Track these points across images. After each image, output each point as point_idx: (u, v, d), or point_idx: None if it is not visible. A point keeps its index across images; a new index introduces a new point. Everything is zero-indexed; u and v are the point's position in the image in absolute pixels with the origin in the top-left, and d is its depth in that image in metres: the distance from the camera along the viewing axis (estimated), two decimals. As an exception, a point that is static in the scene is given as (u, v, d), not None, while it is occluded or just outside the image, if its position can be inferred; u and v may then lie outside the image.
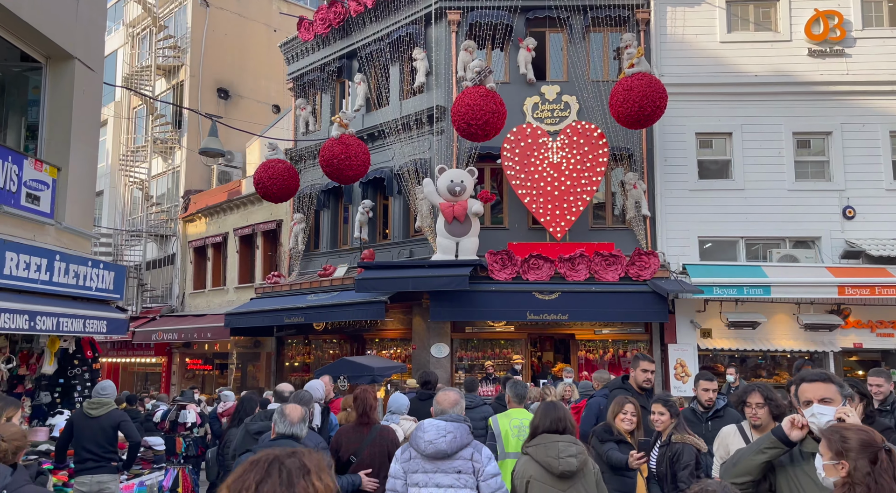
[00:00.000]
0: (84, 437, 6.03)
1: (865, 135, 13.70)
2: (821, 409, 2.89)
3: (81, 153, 8.61)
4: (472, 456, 3.78)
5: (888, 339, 13.05)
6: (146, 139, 23.34)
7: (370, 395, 5.09)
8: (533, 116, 13.93)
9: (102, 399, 6.26)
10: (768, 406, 4.01)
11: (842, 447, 2.54)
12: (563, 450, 3.77)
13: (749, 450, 3.06)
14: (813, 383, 2.98)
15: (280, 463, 1.65)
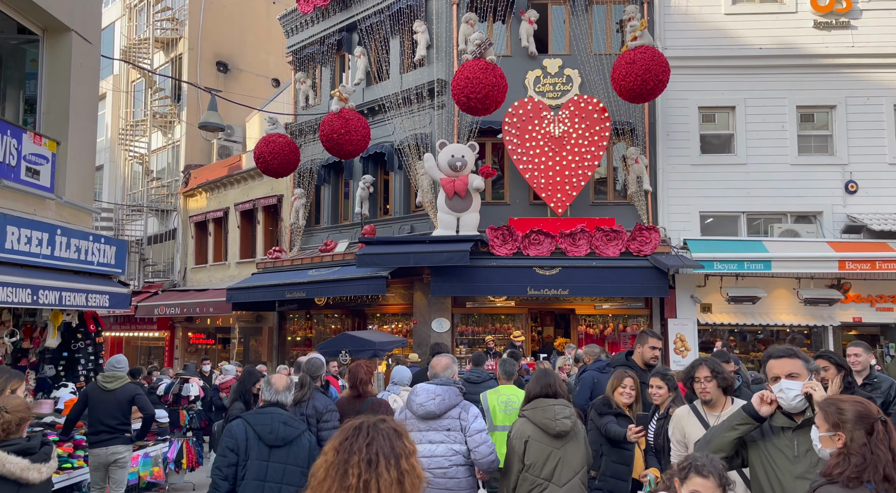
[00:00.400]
0: (99, 410, 6.16)
1: (870, 108, 13.59)
2: (788, 384, 2.95)
3: (80, 127, 8.57)
4: (459, 415, 4.14)
5: (888, 313, 13.10)
6: (145, 113, 23.18)
7: (362, 369, 5.24)
8: (534, 90, 13.81)
9: (117, 373, 6.39)
10: (716, 380, 3.93)
11: (838, 418, 2.57)
12: (559, 412, 4.14)
13: (721, 427, 3.11)
14: (779, 360, 3.05)
15: (378, 427, 1.95)
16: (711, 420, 3.82)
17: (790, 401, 2.96)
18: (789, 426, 3.00)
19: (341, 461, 1.88)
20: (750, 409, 3.02)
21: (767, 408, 3.01)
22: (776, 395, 2.99)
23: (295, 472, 3.83)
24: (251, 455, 3.79)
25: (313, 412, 5.02)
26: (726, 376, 3.95)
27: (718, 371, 3.92)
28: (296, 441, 3.95)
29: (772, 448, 3.01)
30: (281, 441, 3.88)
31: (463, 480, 4.11)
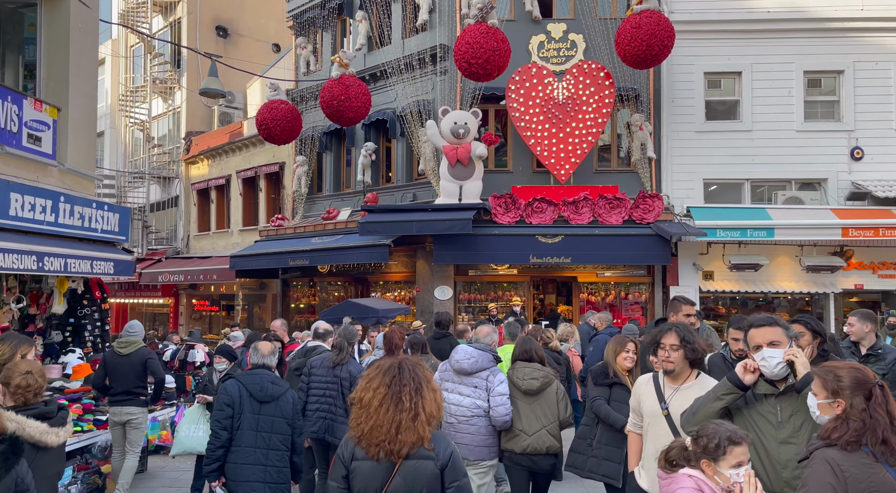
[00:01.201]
0: (116, 373, 6.50)
1: (878, 73, 13.40)
2: (770, 352, 3.00)
3: (81, 93, 8.50)
4: (487, 377, 4.94)
5: (889, 280, 13.13)
6: (145, 79, 22.95)
7: (396, 335, 6.01)
8: (538, 56, 13.62)
9: (131, 338, 6.68)
10: (683, 349, 3.57)
11: (837, 386, 2.60)
12: (528, 374, 5.00)
13: (706, 398, 3.16)
14: (760, 328, 3.08)
15: (409, 364, 2.76)
16: (668, 392, 3.61)
17: (773, 369, 3.00)
18: (772, 393, 3.04)
19: (394, 392, 2.65)
20: (734, 378, 3.07)
21: (751, 376, 3.06)
22: (758, 363, 3.03)
23: (282, 423, 4.55)
24: (244, 410, 4.45)
25: (347, 375, 5.57)
26: (696, 348, 3.58)
27: (688, 341, 3.56)
28: (282, 397, 4.61)
29: (756, 415, 3.07)
30: (269, 398, 4.54)
31: (483, 428, 4.89)
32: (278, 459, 4.45)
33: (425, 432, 2.66)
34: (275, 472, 4.42)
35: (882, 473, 2.45)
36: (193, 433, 6.06)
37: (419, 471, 2.64)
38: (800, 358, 3.00)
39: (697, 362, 3.64)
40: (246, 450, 4.35)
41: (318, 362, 5.73)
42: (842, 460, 2.47)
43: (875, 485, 2.41)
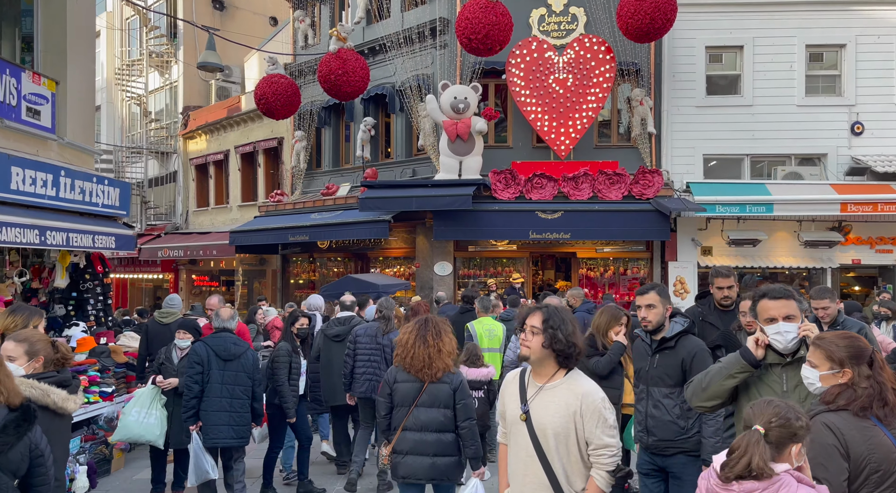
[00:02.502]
0: (155, 342, 6.87)
1: (880, 47, 13.33)
2: (786, 327, 2.93)
3: (78, 66, 8.44)
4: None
5: (887, 255, 13.21)
6: (141, 53, 22.71)
7: (422, 307, 7.11)
8: (539, 30, 13.49)
9: (171, 310, 7.19)
10: (544, 335, 2.95)
11: (843, 356, 2.63)
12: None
13: (718, 375, 3.00)
14: (777, 301, 2.99)
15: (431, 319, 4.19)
16: (531, 392, 2.98)
17: (787, 344, 2.95)
18: (779, 363, 3.02)
19: (421, 335, 4.03)
20: (749, 357, 2.97)
21: (762, 352, 3.00)
22: (772, 338, 2.96)
23: (243, 376, 5.39)
24: (212, 367, 5.29)
25: (388, 342, 6.18)
26: (560, 337, 2.87)
27: (553, 326, 2.88)
28: (242, 356, 5.39)
29: (761, 385, 3.02)
30: (232, 356, 5.35)
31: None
32: (240, 406, 5.37)
33: (448, 364, 4.05)
34: (237, 416, 5.35)
35: (880, 436, 2.50)
36: (144, 419, 5.54)
37: (440, 390, 4.01)
38: (815, 332, 2.94)
39: (565, 357, 2.89)
40: (214, 400, 5.28)
41: (363, 331, 6.41)
42: (841, 423, 2.52)
43: (873, 447, 2.47)
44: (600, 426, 2.82)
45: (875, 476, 2.46)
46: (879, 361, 2.61)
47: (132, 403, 5.69)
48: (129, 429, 5.55)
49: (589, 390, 2.87)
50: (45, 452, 2.81)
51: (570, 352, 2.90)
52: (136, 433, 5.55)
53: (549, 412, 2.86)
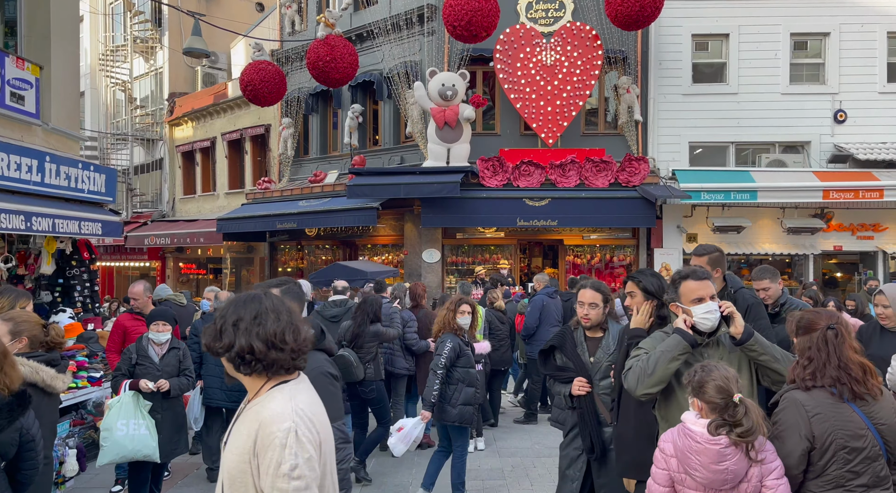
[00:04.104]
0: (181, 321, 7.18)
1: (863, 35, 13.46)
2: (713, 306, 3.01)
3: (63, 51, 8.37)
4: None
5: (868, 242, 13.42)
6: (125, 38, 22.45)
7: (419, 288, 7.57)
8: (527, 16, 13.50)
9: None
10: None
11: (791, 328, 2.81)
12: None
13: (662, 360, 3.02)
14: (702, 281, 3.06)
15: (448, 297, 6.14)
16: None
17: (714, 322, 3.02)
18: (700, 343, 3.06)
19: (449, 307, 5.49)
20: (688, 338, 3.01)
21: (690, 332, 3.05)
22: (703, 317, 3.00)
23: None
24: None
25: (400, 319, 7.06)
26: (245, 342, 1.98)
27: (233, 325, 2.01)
28: None
29: (685, 367, 3.03)
30: None
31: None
32: None
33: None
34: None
35: (848, 412, 2.59)
36: (134, 432, 4.82)
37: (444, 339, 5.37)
38: (731, 308, 3.05)
39: (244, 363, 1.96)
40: (210, 366, 6.15)
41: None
42: (807, 400, 2.61)
43: (839, 424, 2.56)
44: (271, 475, 1.82)
45: (842, 453, 2.55)
46: (822, 337, 2.70)
47: (112, 416, 4.86)
48: (120, 446, 4.77)
49: (273, 417, 1.87)
50: (35, 437, 2.84)
51: (245, 358, 1.93)
52: (130, 448, 4.79)
53: (228, 450, 1.98)
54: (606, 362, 3.86)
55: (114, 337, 6.22)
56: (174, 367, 5.17)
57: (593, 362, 3.91)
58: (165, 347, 5.17)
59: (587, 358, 3.93)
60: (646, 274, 3.63)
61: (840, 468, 2.54)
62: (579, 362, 3.90)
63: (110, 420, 4.83)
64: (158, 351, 5.13)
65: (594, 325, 3.91)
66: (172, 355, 5.17)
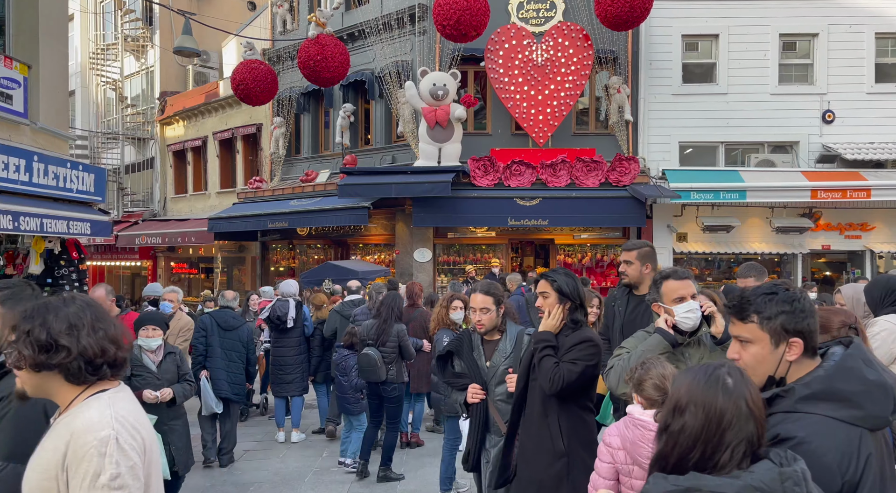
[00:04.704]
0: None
1: (851, 36, 13.56)
2: (695, 304, 3.04)
3: (51, 50, 8.34)
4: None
5: (855, 241, 13.53)
6: (116, 37, 22.34)
7: (416, 287, 7.54)
8: (518, 16, 13.53)
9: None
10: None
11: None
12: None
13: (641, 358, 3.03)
14: (683, 281, 3.09)
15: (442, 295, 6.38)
16: None
17: (695, 321, 3.05)
18: (681, 342, 3.09)
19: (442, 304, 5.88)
20: (669, 337, 3.04)
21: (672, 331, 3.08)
22: (684, 316, 3.02)
23: (238, 345, 6.84)
24: (214, 334, 6.77)
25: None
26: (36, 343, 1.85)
27: (28, 331, 1.92)
28: (240, 328, 6.90)
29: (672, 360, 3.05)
30: (231, 327, 6.84)
31: None
32: (236, 368, 6.79)
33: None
34: (233, 376, 6.76)
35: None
36: None
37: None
38: (712, 306, 3.09)
39: (39, 366, 1.80)
40: (216, 359, 6.70)
41: (360, 311, 7.26)
42: None
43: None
44: (86, 488, 1.65)
45: None
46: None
47: None
48: None
49: (87, 426, 1.71)
50: None
51: (43, 361, 1.76)
52: None
53: (29, 468, 1.77)
54: (503, 367, 3.62)
55: None
56: (174, 373, 4.82)
57: (489, 367, 3.67)
58: (160, 353, 4.82)
59: (483, 363, 3.69)
60: (560, 274, 3.35)
61: None
62: (475, 368, 3.66)
63: None
64: (153, 358, 4.78)
65: (489, 329, 3.67)
66: (170, 361, 4.84)
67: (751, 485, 1.35)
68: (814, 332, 1.79)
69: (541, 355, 3.15)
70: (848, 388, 1.67)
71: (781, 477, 1.37)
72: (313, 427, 7.99)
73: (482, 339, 3.74)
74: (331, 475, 6.35)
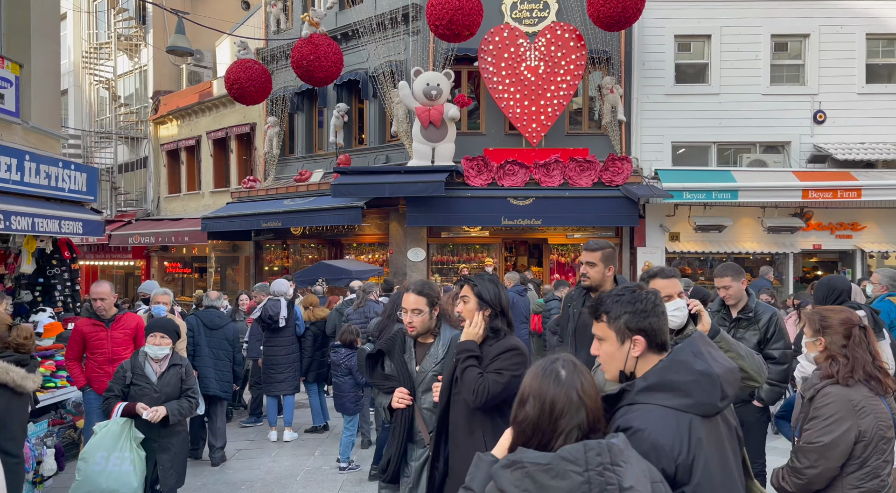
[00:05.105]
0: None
1: (842, 37, 13.64)
2: (682, 303, 3.08)
3: (44, 48, 8.33)
4: None
5: (846, 240, 13.60)
6: (109, 36, 22.28)
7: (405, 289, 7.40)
8: (511, 17, 13.56)
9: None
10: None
11: (820, 325, 2.85)
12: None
13: None
14: (670, 280, 3.16)
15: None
16: None
17: (682, 319, 3.07)
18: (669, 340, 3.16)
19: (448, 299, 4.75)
20: None
21: None
22: (671, 314, 2.99)
23: (225, 343, 6.94)
24: (201, 334, 6.86)
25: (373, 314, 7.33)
26: None
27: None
28: (225, 327, 7.00)
29: None
30: (216, 326, 6.94)
31: None
32: (224, 366, 6.89)
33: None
34: (221, 373, 6.85)
35: (882, 405, 2.76)
36: (114, 466, 4.08)
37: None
38: (698, 306, 3.13)
39: None
40: (204, 359, 6.77)
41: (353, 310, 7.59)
42: (853, 395, 2.74)
43: (879, 416, 2.71)
44: None
45: (880, 444, 2.71)
46: (857, 336, 2.83)
47: (93, 445, 4.13)
48: (91, 483, 4.04)
49: None
50: None
51: None
52: (104, 487, 4.05)
53: None
54: (432, 373, 3.33)
55: (71, 344, 5.76)
56: (175, 387, 4.44)
57: (419, 372, 3.37)
58: (165, 363, 4.46)
59: (413, 366, 3.40)
60: (483, 279, 3.20)
61: (878, 459, 2.70)
62: (404, 371, 3.37)
63: (90, 450, 4.12)
64: (157, 369, 4.44)
65: (421, 332, 3.38)
66: (173, 374, 4.45)
67: (559, 455, 1.53)
68: (656, 330, 1.95)
69: (463, 365, 2.97)
70: (678, 379, 1.82)
71: (585, 448, 1.54)
72: (306, 426, 8.01)
73: (416, 341, 3.47)
74: (323, 473, 6.38)
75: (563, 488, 1.49)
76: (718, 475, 1.76)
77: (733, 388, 1.86)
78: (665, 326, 1.98)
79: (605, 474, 1.51)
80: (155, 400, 4.29)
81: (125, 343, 5.77)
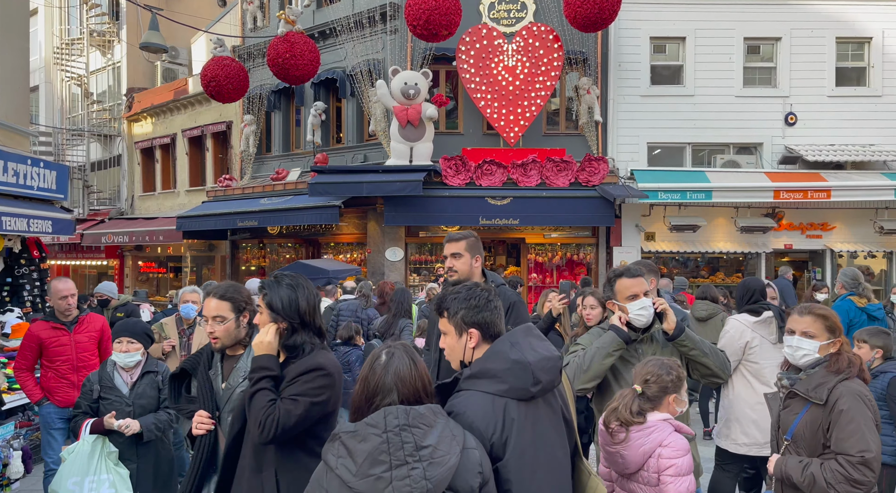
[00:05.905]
0: None
1: (813, 41, 13.89)
2: (647, 302, 3.13)
3: (11, 45, 8.16)
4: None
5: (816, 240, 13.87)
6: (81, 31, 21.89)
7: (387, 286, 7.82)
8: (489, 17, 13.59)
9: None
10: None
11: (835, 324, 2.85)
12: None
13: (598, 356, 3.11)
14: (636, 279, 3.18)
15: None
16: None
17: (648, 318, 3.13)
18: (635, 338, 3.17)
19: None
20: (623, 334, 3.12)
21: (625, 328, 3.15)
22: (637, 313, 3.11)
23: None
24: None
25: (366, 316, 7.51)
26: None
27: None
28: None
29: (618, 360, 3.16)
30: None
31: None
32: None
33: None
34: None
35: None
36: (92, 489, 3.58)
37: None
38: (664, 304, 3.18)
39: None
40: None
41: (345, 307, 7.56)
42: (864, 389, 2.77)
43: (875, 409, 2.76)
44: None
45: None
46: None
47: (62, 473, 3.63)
48: None
49: None
50: None
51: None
52: None
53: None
54: (240, 390, 2.76)
55: (24, 352, 5.05)
56: (151, 399, 3.89)
57: (225, 389, 2.83)
58: (137, 371, 3.93)
59: (219, 384, 2.85)
60: (282, 286, 2.61)
61: None
62: (208, 390, 2.81)
63: (59, 480, 3.60)
64: (127, 378, 3.90)
65: (227, 344, 2.83)
66: (147, 383, 3.91)
67: (364, 422, 1.74)
68: (489, 323, 2.13)
69: (254, 387, 2.43)
70: (495, 367, 2.02)
71: (385, 413, 1.75)
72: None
73: (224, 355, 2.91)
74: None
75: (366, 449, 1.68)
76: (532, 452, 1.93)
77: (548, 374, 2.02)
78: (498, 319, 2.14)
79: (401, 434, 1.69)
80: (128, 415, 3.77)
81: (91, 348, 5.18)
